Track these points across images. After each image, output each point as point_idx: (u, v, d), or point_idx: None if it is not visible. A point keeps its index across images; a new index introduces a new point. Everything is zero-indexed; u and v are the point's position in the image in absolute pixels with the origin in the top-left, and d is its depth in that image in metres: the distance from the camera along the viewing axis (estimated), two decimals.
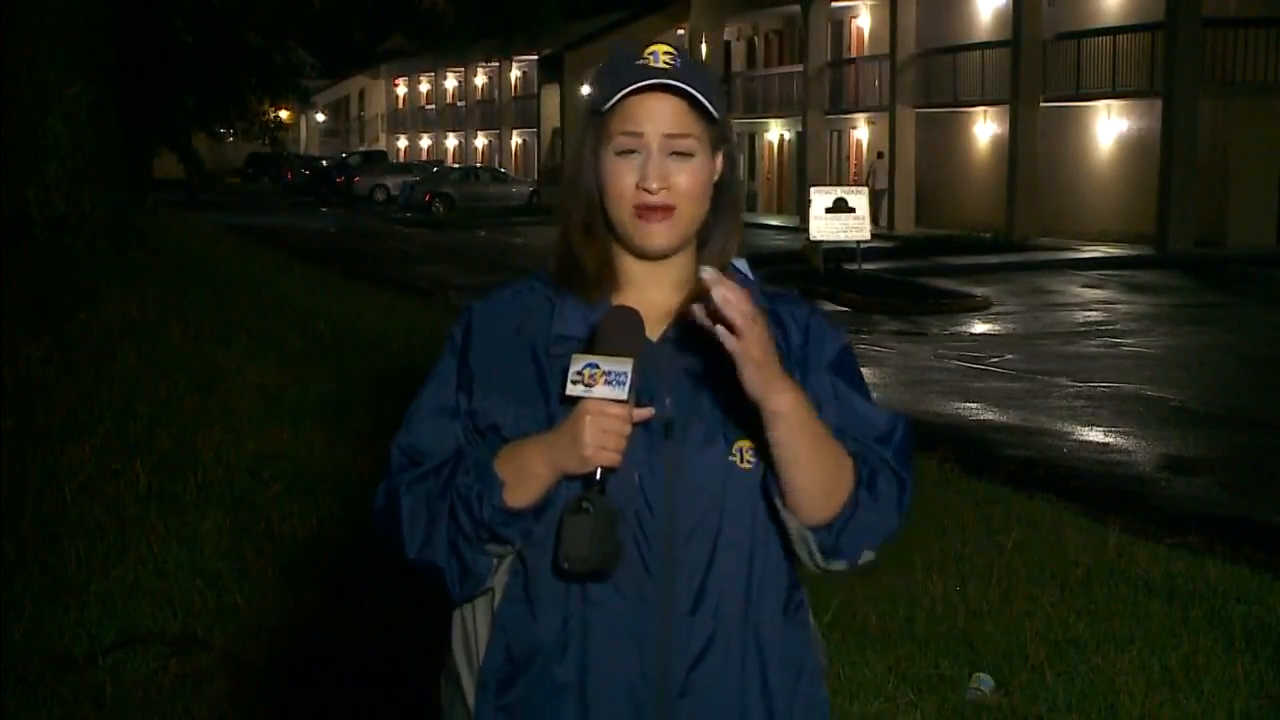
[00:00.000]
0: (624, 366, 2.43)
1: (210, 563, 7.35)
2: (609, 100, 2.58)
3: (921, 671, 6.49)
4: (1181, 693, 6.33)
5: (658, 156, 2.56)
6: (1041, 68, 38.86)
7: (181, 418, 10.06)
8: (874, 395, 2.76)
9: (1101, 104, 38.13)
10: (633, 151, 2.57)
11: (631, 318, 2.51)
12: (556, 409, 2.54)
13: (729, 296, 2.37)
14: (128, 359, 11.46)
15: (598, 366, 2.43)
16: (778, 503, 2.58)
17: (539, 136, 63.12)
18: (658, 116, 2.56)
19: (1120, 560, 8.42)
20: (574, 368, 2.45)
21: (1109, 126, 38.37)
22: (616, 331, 2.48)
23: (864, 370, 2.79)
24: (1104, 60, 36.87)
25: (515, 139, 76.42)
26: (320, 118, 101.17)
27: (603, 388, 2.43)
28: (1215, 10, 34.50)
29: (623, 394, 2.43)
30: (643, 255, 2.63)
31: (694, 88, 2.55)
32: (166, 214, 26.56)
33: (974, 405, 15.34)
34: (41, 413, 9.78)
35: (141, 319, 12.80)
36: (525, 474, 2.51)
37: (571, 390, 2.45)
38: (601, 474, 2.46)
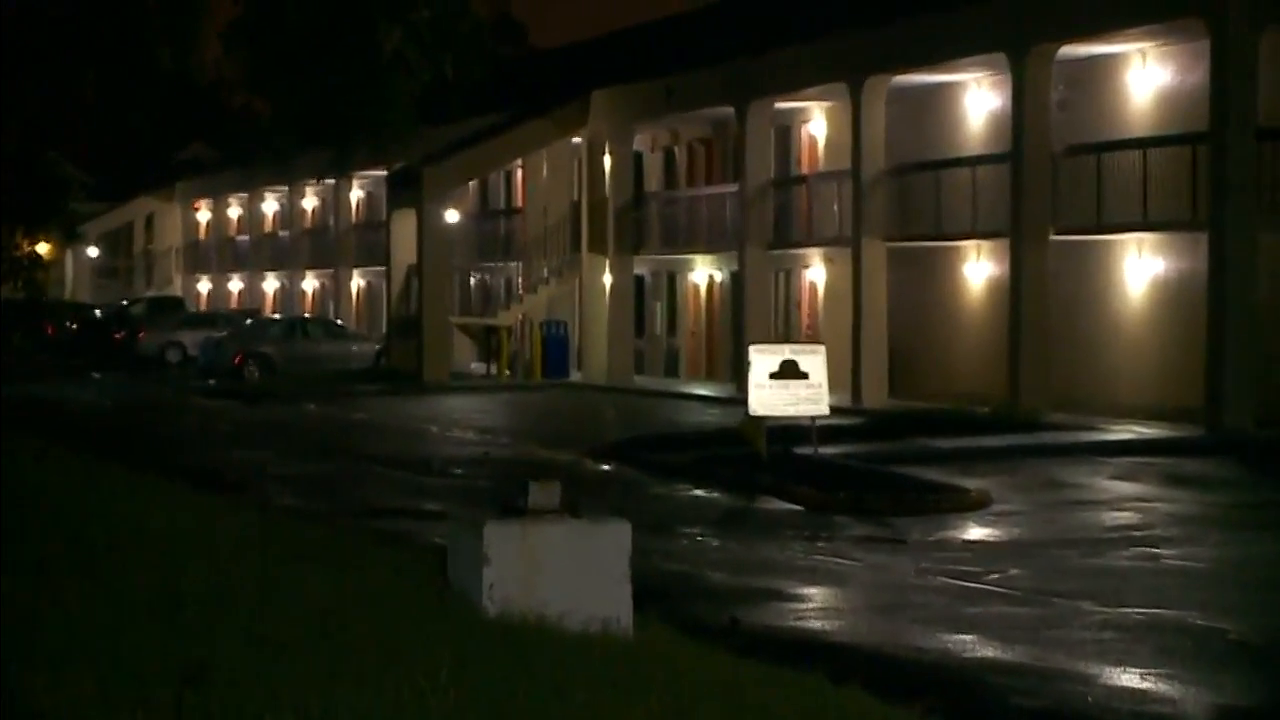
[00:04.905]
0: None
1: None
2: None
3: None
4: None
5: None
6: (1050, 190, 39.48)
7: None
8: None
9: (1130, 238, 38.73)
10: None
11: None
12: None
13: None
14: None
15: None
16: None
17: (388, 276, 63.34)
18: None
19: None
20: None
21: (1141, 267, 38.96)
22: None
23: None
24: (1132, 181, 37.48)
25: (357, 280, 76.43)
26: (93, 252, 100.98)
27: None
28: (1275, 118, 35.28)
29: None
30: None
31: None
32: None
33: (968, 638, 15.34)
34: None
35: None
36: None
37: None
38: None
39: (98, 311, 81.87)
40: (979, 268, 43.85)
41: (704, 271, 55.00)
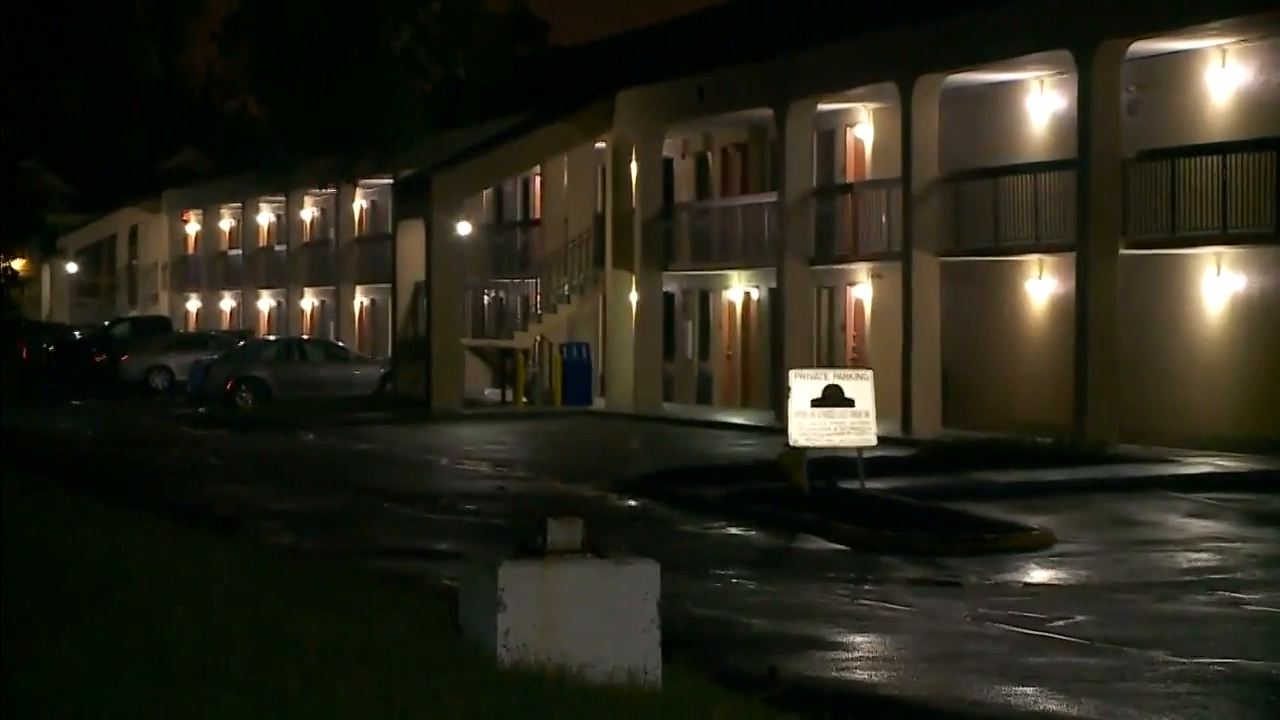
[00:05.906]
0: None
1: None
2: None
3: None
4: None
5: None
6: (1120, 200, 39.45)
7: None
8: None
9: (1208, 251, 38.70)
10: None
11: None
12: None
13: None
14: None
15: None
16: None
17: (394, 293, 63.42)
18: None
19: None
20: None
21: (1219, 284, 38.92)
22: None
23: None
24: (1210, 189, 37.45)
25: (359, 298, 76.57)
26: (72, 268, 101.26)
27: None
28: None
29: None
30: None
31: None
32: None
33: (1030, 690, 15.34)
34: None
35: None
36: None
37: None
38: None
39: (77, 333, 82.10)
40: (1042, 284, 43.84)
41: (740, 289, 55.02)
